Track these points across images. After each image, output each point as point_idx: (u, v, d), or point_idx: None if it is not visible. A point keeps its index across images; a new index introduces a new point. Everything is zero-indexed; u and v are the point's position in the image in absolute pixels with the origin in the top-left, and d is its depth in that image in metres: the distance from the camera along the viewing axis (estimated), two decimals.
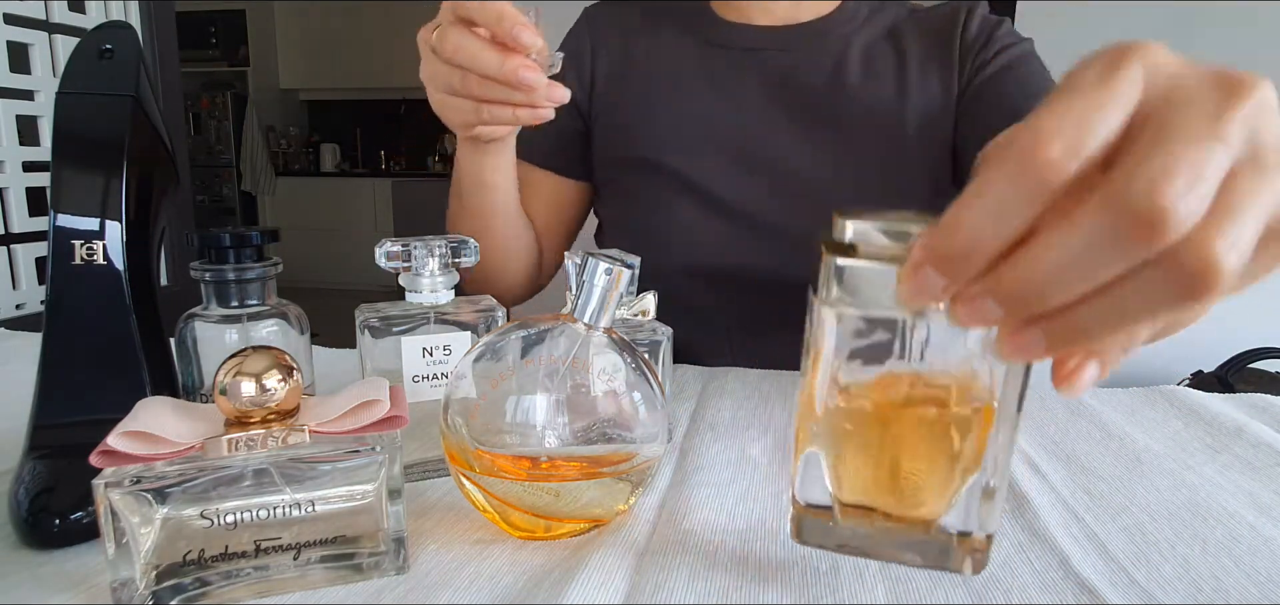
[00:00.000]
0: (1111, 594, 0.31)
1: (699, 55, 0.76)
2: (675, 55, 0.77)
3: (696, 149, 0.73)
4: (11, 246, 1.31)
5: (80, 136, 0.40)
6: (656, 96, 0.76)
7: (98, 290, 0.39)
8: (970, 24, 0.73)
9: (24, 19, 1.29)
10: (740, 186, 0.72)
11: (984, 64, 0.71)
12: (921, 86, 0.71)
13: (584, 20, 0.82)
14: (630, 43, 0.79)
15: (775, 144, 0.72)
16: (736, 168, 0.72)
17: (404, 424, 0.33)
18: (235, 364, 0.30)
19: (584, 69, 0.79)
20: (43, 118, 1.34)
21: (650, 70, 0.77)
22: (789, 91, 0.73)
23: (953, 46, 0.72)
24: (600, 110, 0.78)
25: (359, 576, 0.32)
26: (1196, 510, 0.39)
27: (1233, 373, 0.76)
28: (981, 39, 0.72)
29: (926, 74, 0.72)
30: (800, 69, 0.73)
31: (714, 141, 0.73)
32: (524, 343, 0.36)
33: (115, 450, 0.29)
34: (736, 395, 0.56)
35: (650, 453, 0.36)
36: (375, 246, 0.42)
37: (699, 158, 0.73)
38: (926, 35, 0.73)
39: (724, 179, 0.73)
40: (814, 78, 0.73)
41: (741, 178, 0.72)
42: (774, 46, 0.75)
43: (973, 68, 0.71)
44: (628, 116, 0.77)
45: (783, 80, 0.73)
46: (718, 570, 0.33)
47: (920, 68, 0.72)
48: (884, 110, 0.71)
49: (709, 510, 0.39)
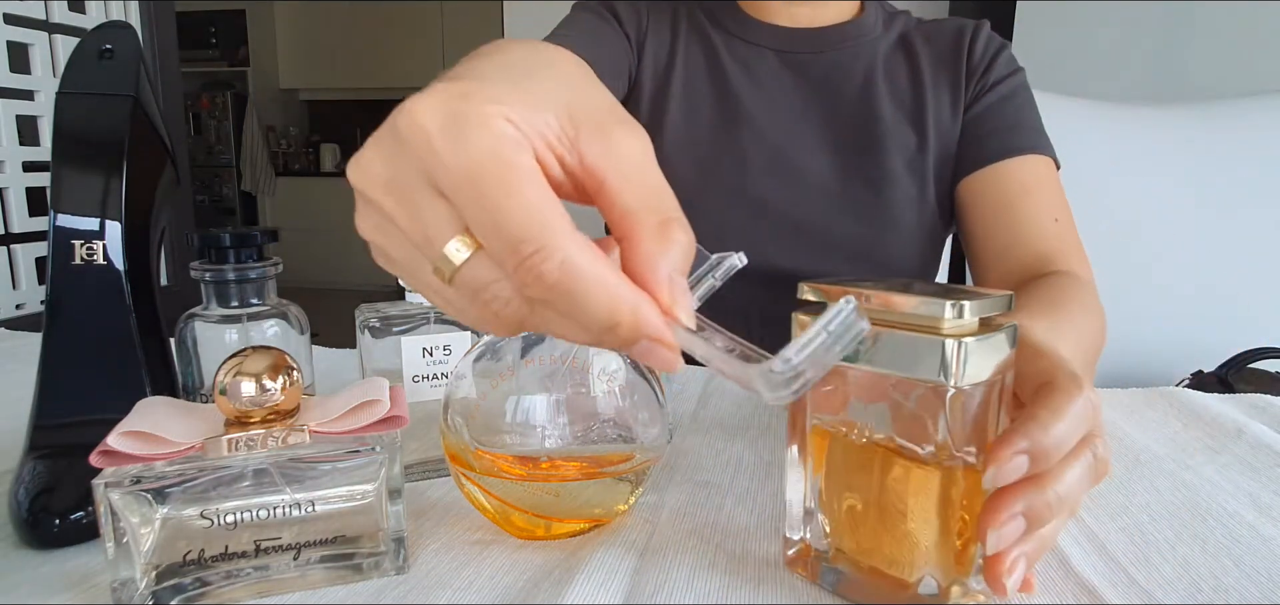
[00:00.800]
0: (1111, 594, 0.31)
1: (732, 51, 0.76)
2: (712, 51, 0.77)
3: (728, 149, 0.74)
4: (11, 246, 1.31)
5: (80, 136, 0.40)
6: (696, 94, 0.76)
7: (98, 290, 0.39)
8: (975, 45, 0.74)
9: (24, 19, 1.29)
10: (767, 189, 0.73)
11: (984, 89, 0.73)
12: (935, 97, 0.73)
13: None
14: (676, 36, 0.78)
15: (806, 148, 0.73)
16: (766, 170, 0.73)
17: (404, 424, 0.33)
18: (235, 364, 0.30)
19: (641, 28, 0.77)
20: (43, 118, 1.34)
21: (690, 66, 0.77)
22: (823, 96, 0.74)
23: (960, 64, 0.73)
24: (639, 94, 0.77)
25: (359, 576, 0.32)
26: (1196, 510, 0.39)
27: (1233, 373, 0.76)
28: (985, 62, 0.73)
29: (939, 87, 0.73)
30: (835, 74, 0.74)
31: (746, 141, 0.73)
32: (524, 342, 0.36)
33: (115, 450, 0.29)
34: (736, 395, 0.56)
35: (650, 453, 0.36)
36: None
37: (730, 157, 0.73)
38: (935, 48, 0.75)
39: (753, 180, 0.73)
40: (848, 83, 0.74)
41: (770, 181, 0.73)
42: (808, 49, 0.75)
43: (975, 89, 0.73)
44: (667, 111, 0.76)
45: (817, 85, 0.74)
46: (718, 570, 0.33)
47: (933, 80, 0.73)
48: (907, 119, 0.73)
49: (709, 510, 0.39)
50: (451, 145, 0.22)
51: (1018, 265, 0.67)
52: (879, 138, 0.72)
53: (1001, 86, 0.73)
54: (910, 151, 0.72)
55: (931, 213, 0.73)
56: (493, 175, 0.22)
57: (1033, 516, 0.27)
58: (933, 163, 0.72)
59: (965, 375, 0.27)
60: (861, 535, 0.31)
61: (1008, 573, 0.28)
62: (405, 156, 0.23)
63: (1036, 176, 0.69)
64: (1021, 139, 0.70)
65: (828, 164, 0.73)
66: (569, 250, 0.21)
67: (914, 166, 0.72)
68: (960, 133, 0.73)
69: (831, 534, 0.32)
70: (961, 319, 0.27)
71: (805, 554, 0.33)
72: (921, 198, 0.72)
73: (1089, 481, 0.29)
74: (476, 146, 0.22)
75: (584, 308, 0.22)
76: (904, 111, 0.73)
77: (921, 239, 0.73)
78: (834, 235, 0.72)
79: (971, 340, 0.27)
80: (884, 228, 0.71)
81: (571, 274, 0.21)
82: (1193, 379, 0.78)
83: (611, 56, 0.73)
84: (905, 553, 0.29)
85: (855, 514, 0.31)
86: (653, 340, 0.22)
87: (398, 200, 0.23)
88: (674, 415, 0.52)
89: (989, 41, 0.75)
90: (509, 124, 0.22)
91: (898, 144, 0.72)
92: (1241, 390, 0.70)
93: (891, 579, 0.30)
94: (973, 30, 0.75)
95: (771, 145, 0.73)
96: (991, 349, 0.28)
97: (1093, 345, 0.56)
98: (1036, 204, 0.68)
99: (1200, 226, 0.96)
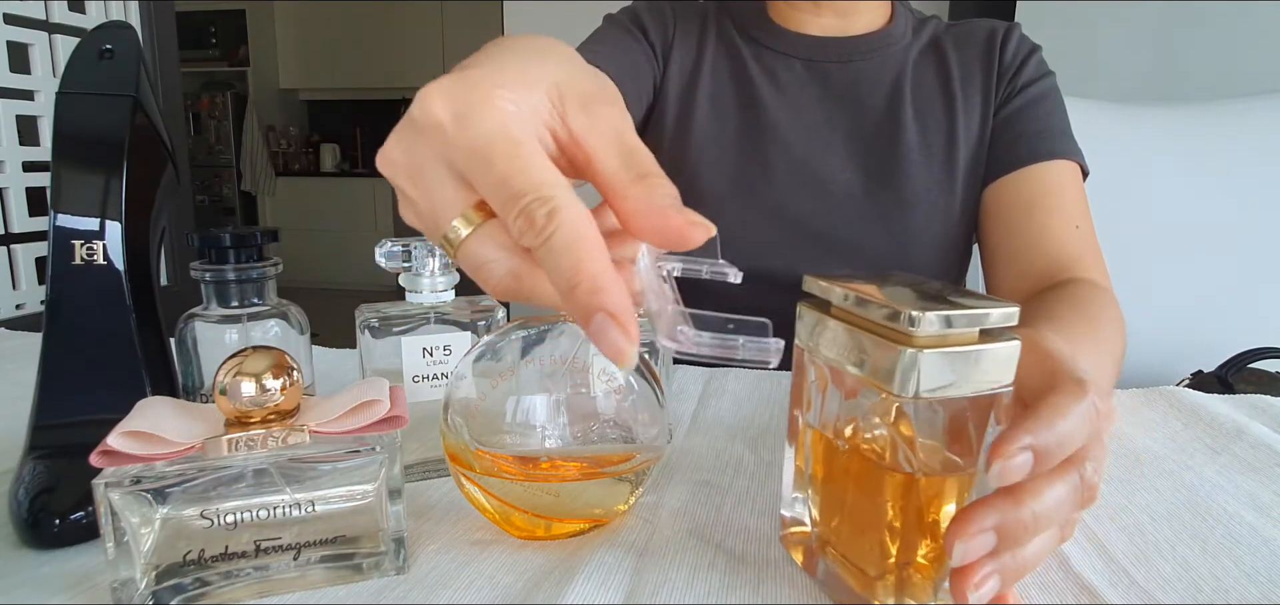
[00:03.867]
0: (1111, 594, 0.31)
1: (760, 61, 0.76)
2: (739, 60, 0.77)
3: (754, 158, 0.73)
4: (11, 246, 1.31)
5: (80, 136, 0.40)
6: (723, 102, 0.75)
7: (98, 290, 0.39)
8: (1007, 47, 0.73)
9: (24, 19, 1.29)
10: (794, 199, 0.72)
11: (1014, 92, 0.72)
12: (965, 102, 0.72)
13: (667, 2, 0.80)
14: (703, 43, 0.78)
15: (833, 159, 0.73)
16: (793, 180, 0.73)
17: (404, 424, 0.33)
18: (235, 364, 0.30)
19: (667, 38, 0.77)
20: (43, 118, 1.34)
21: (717, 75, 0.76)
22: (848, 106, 0.74)
23: (991, 66, 0.73)
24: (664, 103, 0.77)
25: (359, 576, 0.32)
26: (1196, 510, 0.39)
27: (1233, 373, 0.76)
28: (1016, 64, 0.73)
29: (969, 90, 0.73)
30: (861, 84, 0.74)
31: (772, 152, 0.73)
32: (524, 343, 0.36)
33: (115, 450, 0.29)
34: (736, 395, 0.56)
35: (650, 453, 0.36)
36: (375, 246, 0.42)
37: (756, 166, 0.73)
38: (966, 52, 0.74)
39: (778, 190, 0.73)
40: (874, 93, 0.74)
41: (796, 191, 0.73)
42: (836, 58, 0.75)
43: (1005, 92, 0.72)
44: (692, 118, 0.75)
45: (843, 95, 0.74)
46: (718, 570, 0.33)
47: (963, 85, 0.73)
48: (936, 127, 0.72)
49: (709, 510, 0.39)
50: (462, 128, 0.25)
51: (1033, 270, 0.66)
52: (905, 149, 0.71)
53: (1031, 90, 0.72)
54: (938, 161, 0.72)
55: (957, 222, 0.72)
56: (500, 149, 0.25)
57: (1005, 533, 0.26)
58: (961, 172, 0.72)
59: (919, 385, 0.26)
60: (839, 527, 0.31)
61: (975, 587, 0.27)
62: (422, 143, 0.26)
63: (1060, 182, 0.68)
64: (1048, 144, 0.69)
65: (853, 174, 0.72)
66: (560, 200, 0.24)
67: (941, 176, 0.72)
68: (990, 137, 0.72)
69: (819, 522, 0.32)
70: (918, 329, 0.26)
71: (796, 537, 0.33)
72: (947, 208, 0.72)
73: (1073, 504, 0.28)
74: (483, 126, 0.25)
75: (556, 258, 0.24)
76: (933, 120, 0.72)
77: (947, 249, 0.73)
78: (859, 245, 0.71)
79: (929, 353, 0.26)
80: (909, 238, 0.71)
81: (556, 221, 0.24)
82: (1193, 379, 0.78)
83: (633, 66, 0.74)
84: (868, 550, 0.29)
85: (832, 504, 0.31)
86: (609, 315, 0.23)
87: (415, 183, 0.27)
88: (674, 415, 0.52)
89: (1021, 44, 0.74)
90: (511, 103, 0.25)
91: (925, 154, 0.71)
92: (1241, 390, 0.70)
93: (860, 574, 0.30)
94: (1005, 32, 0.74)
95: (797, 156, 0.73)
96: (961, 363, 0.26)
97: (1114, 354, 0.54)
98: (1058, 209, 0.67)
99: (1200, 226, 0.96)
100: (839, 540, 0.31)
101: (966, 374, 0.27)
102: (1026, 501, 0.26)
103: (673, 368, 0.55)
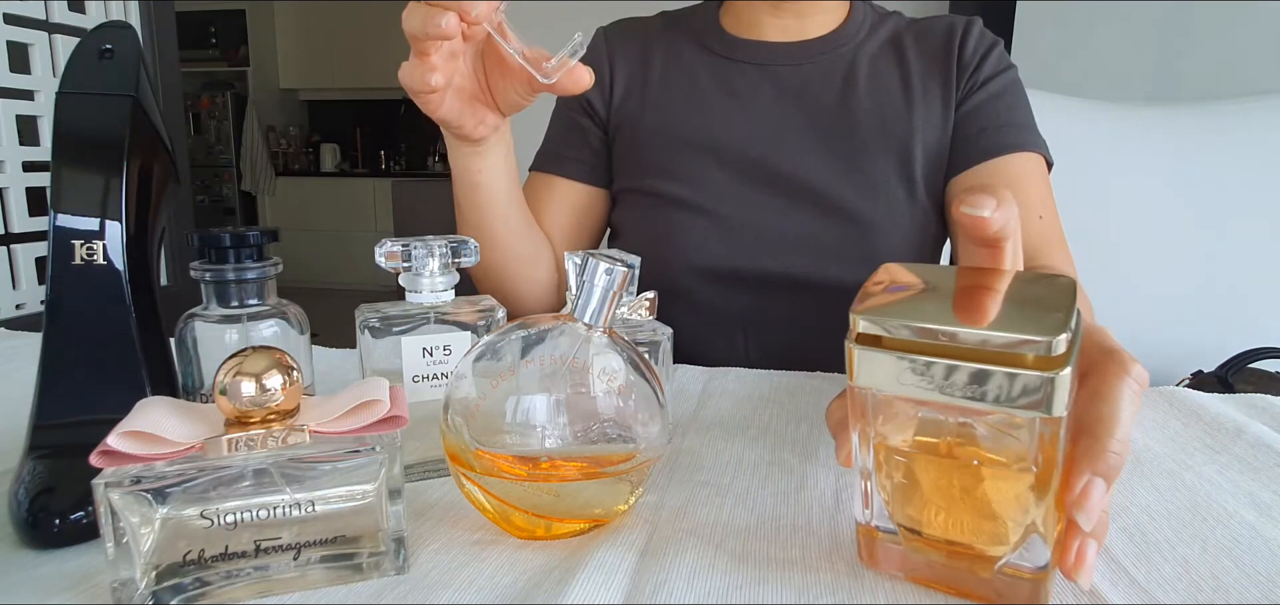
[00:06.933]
0: (1111, 594, 0.31)
1: (713, 70, 0.77)
2: (691, 70, 0.78)
3: (712, 162, 0.75)
4: (11, 246, 1.31)
5: (80, 136, 0.40)
6: (673, 110, 0.77)
7: (98, 290, 0.39)
8: (967, 41, 0.74)
9: (24, 19, 1.29)
10: (754, 198, 0.73)
11: (975, 87, 0.73)
12: (924, 97, 0.73)
13: (601, 36, 0.83)
14: (648, 56, 0.80)
15: (789, 157, 0.73)
16: (750, 180, 0.74)
17: (404, 424, 0.33)
18: (235, 364, 0.30)
19: (604, 82, 0.80)
20: (43, 118, 1.34)
21: (667, 85, 0.78)
22: (802, 104, 0.75)
23: (950, 61, 0.74)
24: (621, 121, 0.80)
25: (359, 576, 0.32)
26: (1196, 510, 0.39)
27: (1233, 373, 0.76)
28: (976, 59, 0.74)
29: (928, 85, 0.73)
30: (812, 83, 0.75)
31: (729, 154, 0.74)
32: (524, 343, 0.36)
33: (115, 450, 0.29)
34: (736, 395, 0.56)
35: (650, 453, 0.36)
36: (375, 246, 0.42)
37: (714, 170, 0.74)
38: (926, 47, 0.75)
39: (737, 191, 0.74)
40: (826, 90, 0.74)
41: (755, 190, 0.74)
42: (787, 61, 0.76)
43: (966, 87, 0.73)
44: (646, 129, 0.78)
45: (796, 94, 0.75)
46: (718, 570, 0.33)
47: (922, 80, 0.74)
48: (893, 119, 0.73)
49: (709, 510, 0.39)
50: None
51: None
52: (862, 141, 0.72)
53: (992, 84, 0.73)
54: (898, 153, 0.72)
55: (923, 213, 0.73)
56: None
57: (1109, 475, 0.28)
58: (922, 164, 0.72)
59: (1063, 401, 0.26)
60: (946, 522, 0.31)
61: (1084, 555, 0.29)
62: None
63: (1023, 173, 0.69)
64: (1011, 137, 0.70)
65: (812, 169, 0.73)
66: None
67: (902, 168, 0.72)
68: (951, 131, 0.73)
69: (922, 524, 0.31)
70: (1055, 351, 0.26)
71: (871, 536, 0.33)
72: (911, 198, 0.72)
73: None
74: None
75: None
76: (891, 113, 0.73)
77: (914, 239, 0.73)
78: (823, 240, 0.72)
79: (1063, 373, 0.26)
80: (873, 230, 0.72)
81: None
82: (1193, 379, 0.78)
83: (591, 153, 0.80)
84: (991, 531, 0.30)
85: (937, 504, 0.31)
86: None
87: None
88: (674, 415, 0.52)
89: (980, 38, 0.75)
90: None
91: (883, 146, 0.72)
92: (1241, 390, 0.70)
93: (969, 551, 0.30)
94: (964, 28, 0.75)
95: (754, 155, 0.74)
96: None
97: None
98: (1021, 200, 0.68)
99: (1200, 226, 0.96)
100: (950, 530, 0.31)
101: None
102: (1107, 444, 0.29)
103: (673, 367, 0.55)
